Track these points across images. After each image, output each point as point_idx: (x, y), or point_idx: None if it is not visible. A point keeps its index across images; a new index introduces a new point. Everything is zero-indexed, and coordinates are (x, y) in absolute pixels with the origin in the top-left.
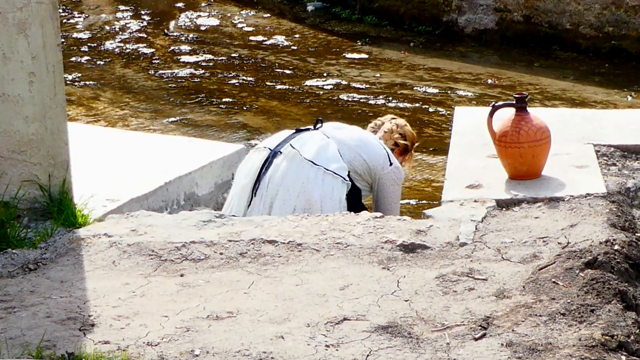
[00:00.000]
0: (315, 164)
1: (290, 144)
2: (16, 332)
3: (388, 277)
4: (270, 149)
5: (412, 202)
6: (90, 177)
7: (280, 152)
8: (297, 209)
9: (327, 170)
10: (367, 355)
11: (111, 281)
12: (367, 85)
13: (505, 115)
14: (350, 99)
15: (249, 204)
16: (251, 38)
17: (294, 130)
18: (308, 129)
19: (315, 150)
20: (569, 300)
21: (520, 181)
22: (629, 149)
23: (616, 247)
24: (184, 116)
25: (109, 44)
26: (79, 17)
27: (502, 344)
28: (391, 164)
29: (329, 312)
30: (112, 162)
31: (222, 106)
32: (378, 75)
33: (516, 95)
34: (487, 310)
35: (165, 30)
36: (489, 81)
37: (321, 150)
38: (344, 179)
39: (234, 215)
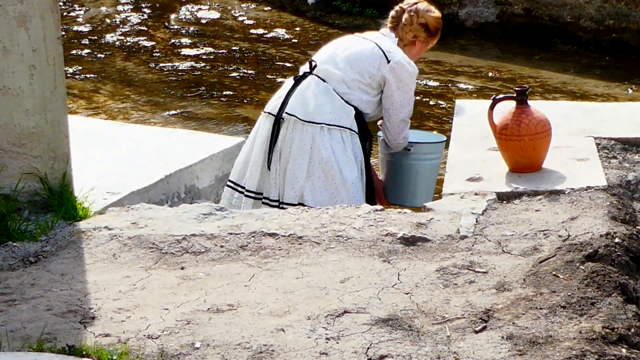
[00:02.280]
0: (317, 123)
1: (287, 112)
2: (17, 325)
3: (389, 270)
4: (274, 115)
5: None
6: (91, 170)
7: (283, 119)
8: (312, 172)
9: (330, 125)
10: (368, 348)
11: (112, 274)
12: None
13: (506, 108)
14: None
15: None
16: (252, 31)
17: (293, 83)
18: (305, 76)
19: (312, 108)
20: (569, 293)
21: (520, 174)
22: (629, 141)
23: (617, 240)
24: (185, 109)
25: (109, 37)
26: (80, 10)
27: (502, 337)
28: (389, 61)
29: (329, 305)
30: (113, 155)
31: (222, 99)
32: None
33: (517, 88)
34: (487, 303)
35: (166, 24)
36: (490, 74)
37: (319, 105)
38: (350, 129)
39: (244, 189)
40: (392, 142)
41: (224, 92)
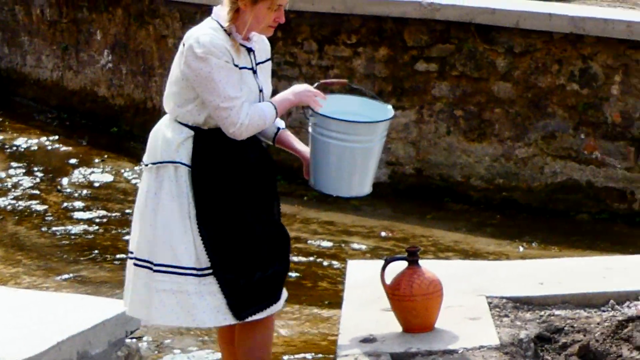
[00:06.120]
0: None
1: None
2: None
3: None
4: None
5: (309, 356)
6: None
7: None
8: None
9: (154, 164)
10: None
11: None
12: None
13: (398, 269)
14: None
15: None
16: None
17: None
18: None
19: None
20: None
21: (414, 334)
22: (520, 300)
23: None
24: (78, 273)
25: (0, 201)
26: None
27: None
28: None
29: None
30: (2, 322)
31: (115, 262)
32: None
33: (408, 249)
34: None
35: (58, 187)
36: (383, 234)
37: (150, 148)
38: (174, 161)
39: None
40: (229, 135)
41: (117, 255)
